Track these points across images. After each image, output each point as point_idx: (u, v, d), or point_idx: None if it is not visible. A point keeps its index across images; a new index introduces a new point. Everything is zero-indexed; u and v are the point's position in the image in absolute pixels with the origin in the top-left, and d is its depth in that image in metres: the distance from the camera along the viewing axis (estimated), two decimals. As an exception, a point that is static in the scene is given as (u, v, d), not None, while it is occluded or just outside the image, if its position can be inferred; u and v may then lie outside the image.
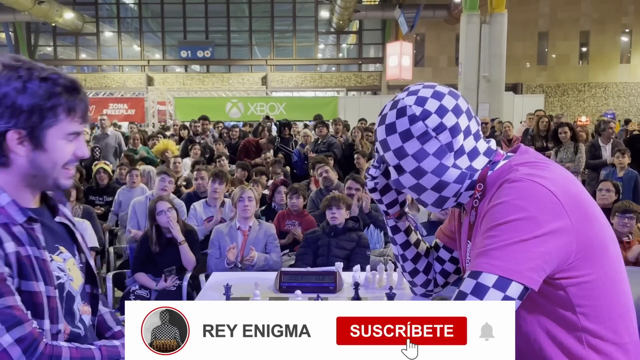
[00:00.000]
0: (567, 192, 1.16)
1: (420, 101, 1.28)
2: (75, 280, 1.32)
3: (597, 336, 1.18)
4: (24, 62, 1.18)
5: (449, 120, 1.27)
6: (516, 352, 1.26)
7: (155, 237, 3.75)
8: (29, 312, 1.15)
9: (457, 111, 1.28)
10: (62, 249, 1.31)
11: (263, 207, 5.14)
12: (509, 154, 1.34)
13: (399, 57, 19.51)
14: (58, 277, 1.26)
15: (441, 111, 1.27)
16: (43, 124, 1.18)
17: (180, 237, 3.73)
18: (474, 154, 1.30)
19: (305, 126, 11.12)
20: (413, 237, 1.61)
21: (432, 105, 1.27)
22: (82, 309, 1.35)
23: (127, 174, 5.42)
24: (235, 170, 6.48)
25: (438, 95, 1.29)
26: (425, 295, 1.66)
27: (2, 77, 1.16)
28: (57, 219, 1.34)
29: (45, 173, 1.22)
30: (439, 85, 1.32)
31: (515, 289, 1.10)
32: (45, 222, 1.29)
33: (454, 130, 1.27)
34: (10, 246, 1.16)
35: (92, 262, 1.41)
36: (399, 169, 1.33)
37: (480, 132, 1.34)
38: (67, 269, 1.31)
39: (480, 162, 1.30)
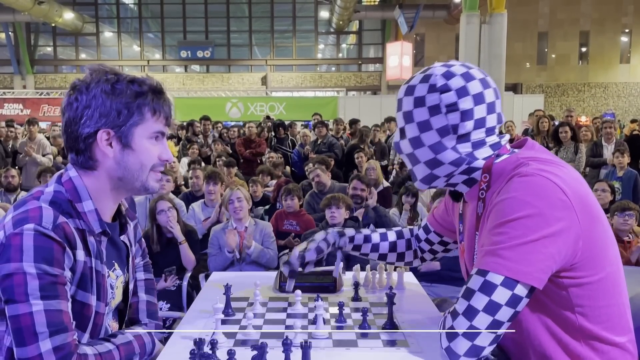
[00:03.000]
0: (576, 192, 1.15)
1: (448, 75, 1.26)
2: (115, 299, 1.34)
3: (593, 336, 1.19)
4: (111, 69, 1.23)
5: (465, 103, 1.24)
6: (516, 346, 1.27)
7: (155, 237, 3.74)
8: (74, 322, 1.15)
9: (478, 99, 1.25)
10: (116, 265, 1.33)
11: (267, 207, 5.13)
12: (515, 149, 1.32)
13: (399, 57, 19.51)
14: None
15: (461, 92, 1.24)
16: (130, 121, 1.20)
17: (180, 236, 3.72)
18: (479, 144, 1.28)
19: (305, 126, 11.08)
20: (366, 246, 1.65)
21: (456, 82, 1.25)
22: (112, 325, 1.37)
23: None
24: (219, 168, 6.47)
25: (467, 77, 1.26)
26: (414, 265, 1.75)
27: (91, 80, 1.19)
28: (123, 237, 1.36)
29: (133, 175, 1.24)
30: (476, 69, 1.29)
31: (522, 289, 1.10)
32: (113, 237, 1.31)
33: (465, 115, 1.24)
34: (80, 254, 1.17)
35: (132, 285, 1.43)
36: (402, 133, 1.33)
37: (497, 130, 1.31)
38: (116, 286, 1.33)
39: (483, 153, 1.28)
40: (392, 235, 1.69)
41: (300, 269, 1.56)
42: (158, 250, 3.73)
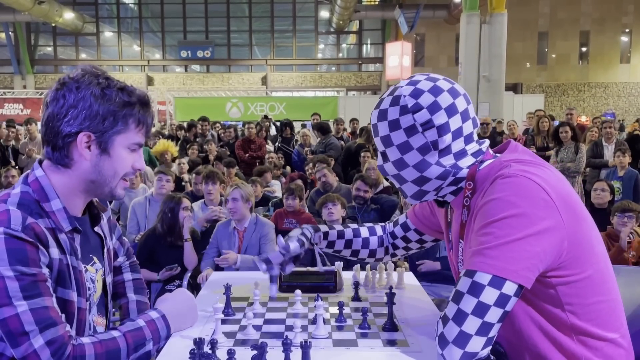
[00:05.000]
0: (558, 191, 1.16)
1: (416, 93, 1.25)
2: (97, 292, 1.33)
3: (585, 333, 1.20)
4: (103, 72, 1.25)
5: (439, 118, 1.23)
6: (510, 347, 1.28)
7: (161, 233, 3.74)
8: (63, 315, 1.16)
9: (450, 111, 1.24)
10: (95, 259, 1.33)
11: (276, 199, 5.13)
12: (497, 153, 1.33)
13: (399, 57, 19.49)
14: (88, 289, 1.27)
15: (433, 108, 1.23)
16: (113, 129, 1.22)
17: (187, 234, 3.74)
18: (461, 154, 1.28)
19: (303, 126, 11.05)
20: (340, 242, 1.66)
21: (425, 99, 1.24)
22: (97, 321, 1.35)
23: None
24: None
25: (435, 91, 1.25)
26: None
27: (83, 81, 1.21)
28: (96, 229, 1.36)
29: (105, 180, 1.25)
30: (442, 80, 1.28)
31: (510, 287, 1.11)
32: (85, 230, 1.31)
33: (442, 129, 1.24)
34: (54, 252, 1.18)
35: (110, 277, 1.42)
36: (384, 156, 1.33)
37: (475, 135, 1.31)
38: (97, 280, 1.32)
39: (466, 162, 1.28)
40: (364, 232, 1.70)
41: (280, 271, 1.53)
42: (160, 248, 3.73)
